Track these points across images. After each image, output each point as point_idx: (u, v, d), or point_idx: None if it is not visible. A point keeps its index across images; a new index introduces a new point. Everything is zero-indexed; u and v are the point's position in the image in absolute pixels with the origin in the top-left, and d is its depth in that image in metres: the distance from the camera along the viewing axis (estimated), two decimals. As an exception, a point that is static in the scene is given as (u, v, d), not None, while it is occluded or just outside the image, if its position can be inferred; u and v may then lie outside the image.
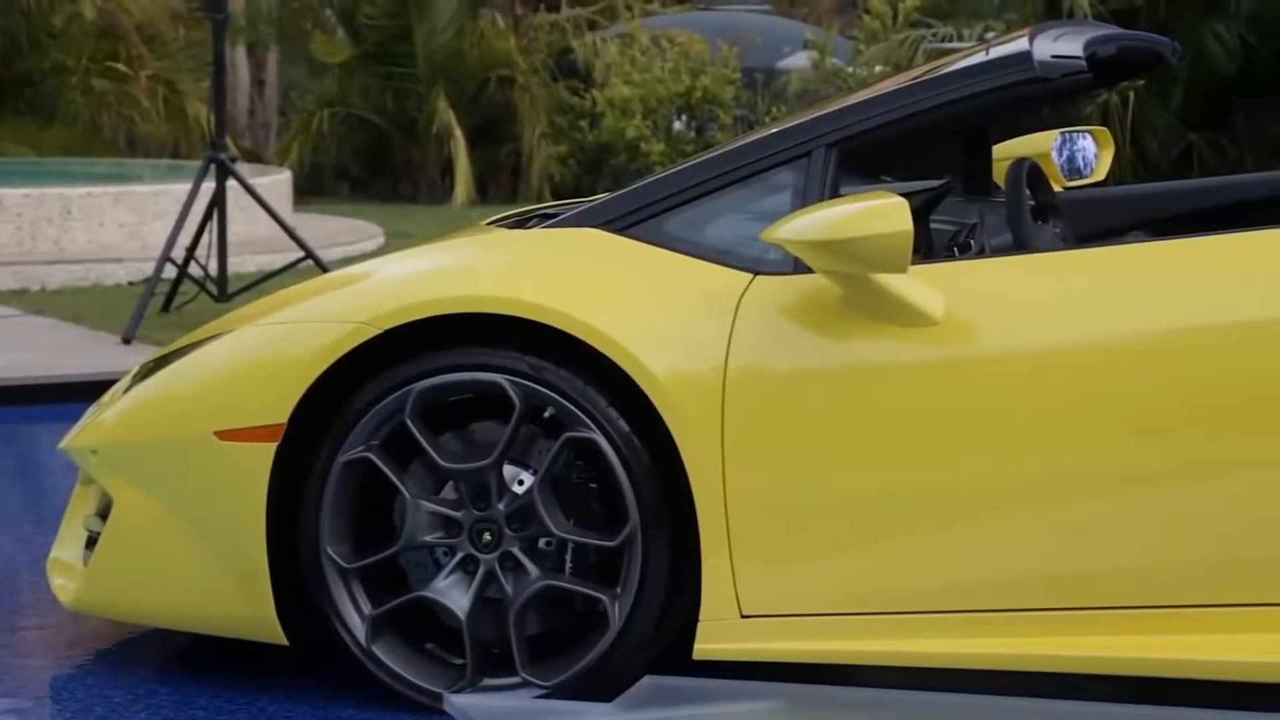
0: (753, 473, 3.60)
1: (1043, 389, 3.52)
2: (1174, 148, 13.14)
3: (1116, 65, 4.22)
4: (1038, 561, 3.53)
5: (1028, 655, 3.53)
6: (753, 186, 3.83)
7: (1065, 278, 3.64)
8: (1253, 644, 3.43)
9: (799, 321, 3.65)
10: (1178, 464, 3.46)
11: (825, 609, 3.61)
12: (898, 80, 4.16)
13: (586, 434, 3.67)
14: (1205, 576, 3.47)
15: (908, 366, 3.58)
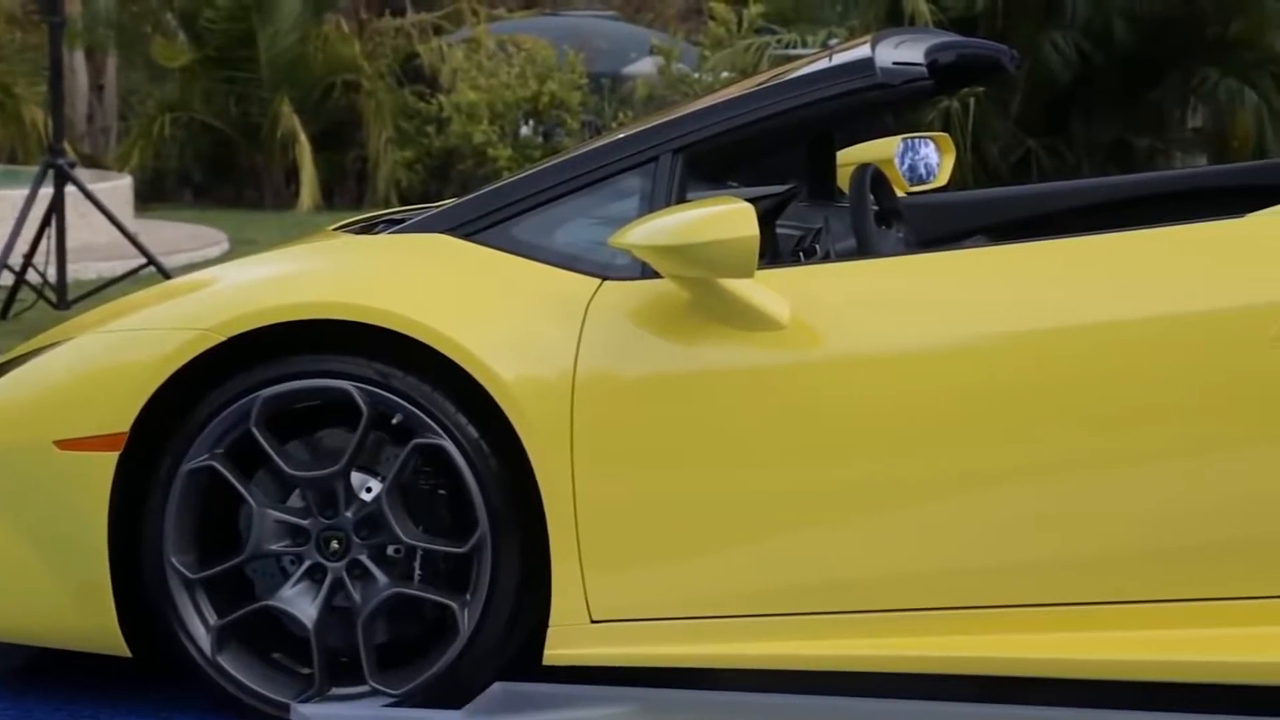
0: (602, 478, 3.61)
1: (888, 392, 3.56)
2: (1013, 153, 13.35)
3: (957, 72, 4.28)
4: (886, 563, 3.56)
5: (879, 656, 3.56)
6: (600, 192, 3.83)
7: (908, 281, 3.69)
8: (1104, 642, 3.49)
9: (647, 326, 3.66)
10: (1021, 464, 3.51)
11: (676, 613, 3.62)
12: (743, 86, 4.18)
13: (435, 440, 3.65)
14: (1053, 575, 3.52)
15: (755, 370, 3.60)
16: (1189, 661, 3.44)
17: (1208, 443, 3.43)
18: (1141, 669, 3.47)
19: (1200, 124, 14.34)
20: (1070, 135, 13.51)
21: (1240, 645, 3.43)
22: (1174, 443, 3.45)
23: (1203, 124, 14.30)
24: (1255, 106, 13.19)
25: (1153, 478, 3.46)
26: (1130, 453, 3.46)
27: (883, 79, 3.75)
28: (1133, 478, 3.47)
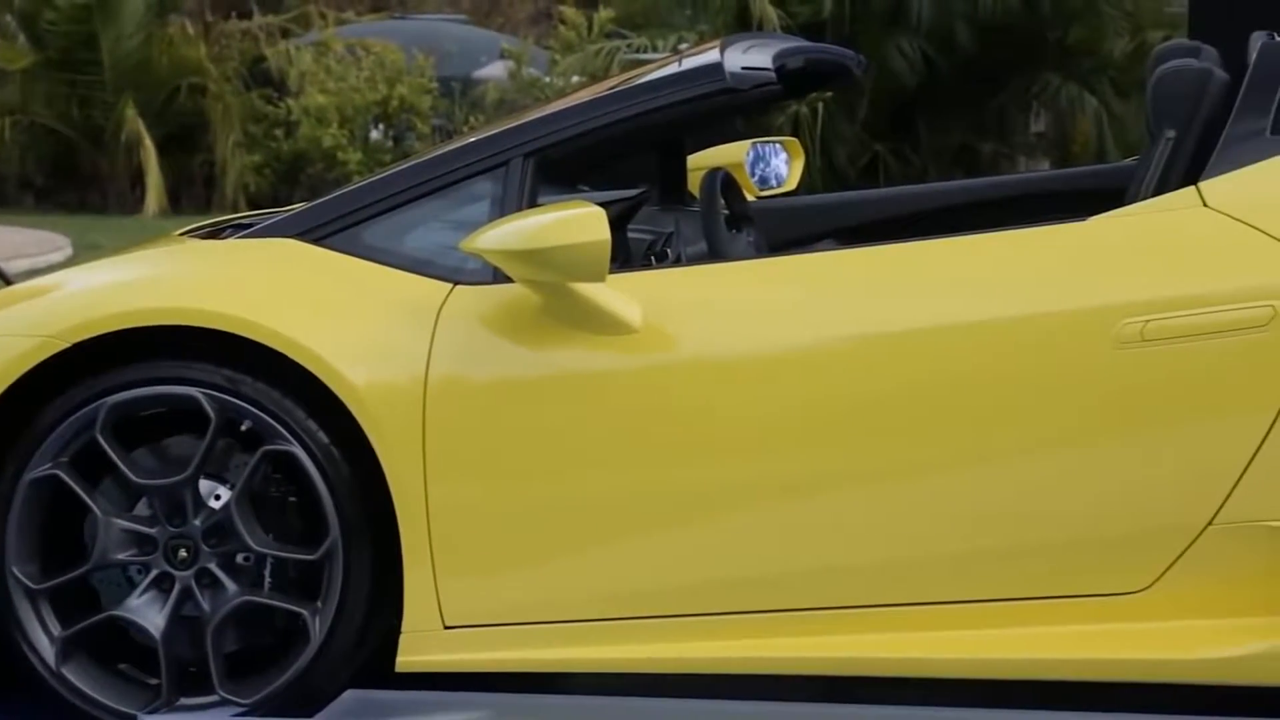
0: (454, 483, 3.59)
1: (739, 395, 3.58)
2: (861, 158, 13.50)
3: (805, 77, 4.31)
4: (735, 565, 3.58)
5: (728, 658, 3.58)
6: (451, 196, 3.82)
7: (759, 285, 3.71)
8: (948, 641, 3.53)
9: (499, 331, 3.65)
10: (868, 467, 3.55)
11: (530, 618, 3.62)
12: (593, 90, 4.19)
13: (285, 447, 3.62)
14: (896, 575, 3.55)
15: (606, 374, 3.60)
16: (1037, 660, 3.49)
17: (1051, 444, 3.49)
18: (988, 668, 3.52)
19: (1043, 128, 14.59)
20: (916, 139, 13.69)
21: (1084, 642, 3.49)
22: (1018, 444, 3.50)
23: (1045, 128, 14.55)
24: (1095, 111, 13.46)
25: (998, 479, 3.51)
26: (975, 454, 3.51)
27: (732, 84, 3.77)
28: (978, 479, 3.51)
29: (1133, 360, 3.42)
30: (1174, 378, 3.42)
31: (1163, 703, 3.57)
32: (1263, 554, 3.41)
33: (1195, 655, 3.42)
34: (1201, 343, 3.40)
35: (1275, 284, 3.39)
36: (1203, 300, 3.42)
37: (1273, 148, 3.54)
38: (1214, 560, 3.43)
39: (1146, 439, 3.45)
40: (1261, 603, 3.43)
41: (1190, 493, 3.43)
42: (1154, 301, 3.43)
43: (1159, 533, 3.45)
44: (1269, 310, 3.38)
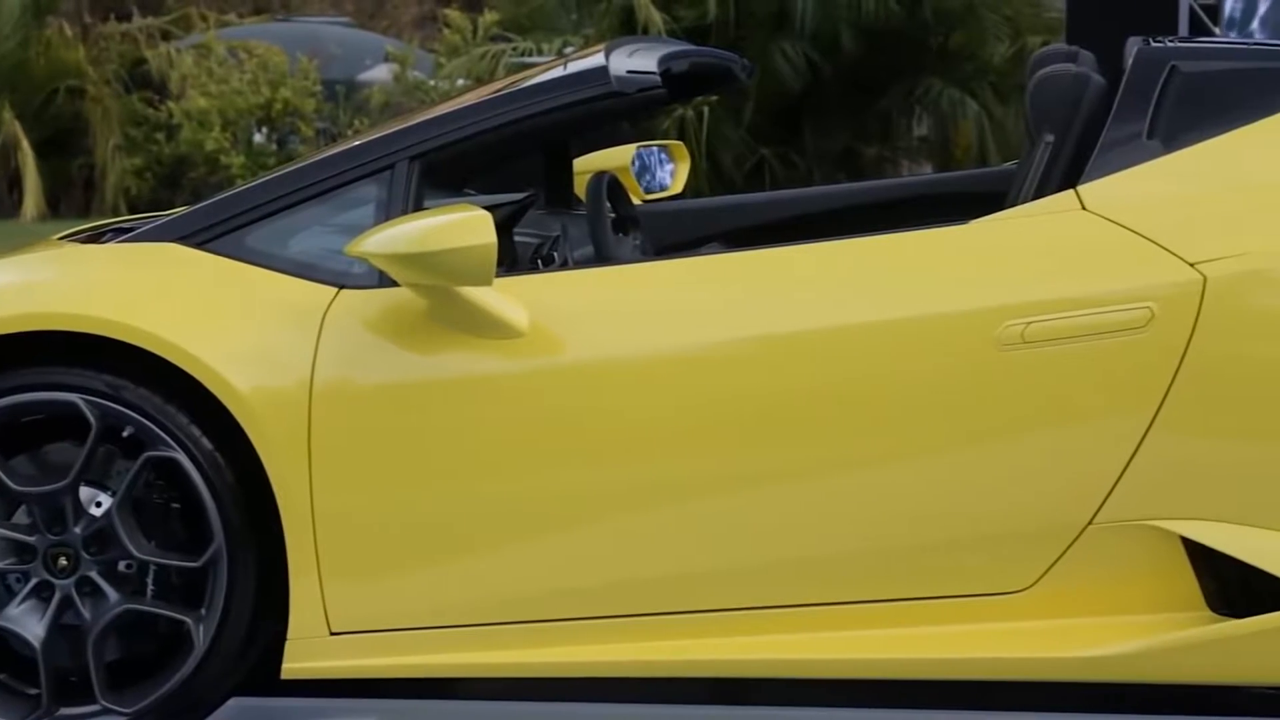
0: (340, 488, 3.57)
1: (626, 398, 3.58)
2: (747, 161, 13.56)
3: (690, 81, 4.33)
4: (624, 569, 3.59)
5: (619, 661, 3.58)
6: (336, 200, 3.80)
7: (645, 289, 3.72)
8: (836, 641, 3.55)
9: (385, 335, 3.64)
10: (755, 469, 3.56)
11: (417, 623, 3.60)
12: (479, 94, 4.18)
13: (167, 453, 3.58)
14: (786, 577, 3.57)
15: (493, 378, 3.60)
16: (923, 660, 3.52)
17: (935, 445, 3.52)
18: (876, 668, 3.54)
19: (925, 132, 14.72)
20: (801, 143, 13.77)
21: (969, 641, 3.52)
22: (902, 445, 3.52)
23: (927, 132, 14.67)
24: (976, 115, 13.59)
25: (882, 480, 3.53)
26: (859, 456, 3.54)
27: (617, 87, 3.78)
28: (862, 481, 3.54)
29: (1015, 362, 3.46)
30: (1055, 379, 3.46)
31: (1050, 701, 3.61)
32: (1142, 552, 3.46)
33: (1077, 653, 3.46)
34: (1082, 344, 3.45)
35: (1153, 286, 3.44)
36: (1083, 302, 3.46)
37: (1149, 151, 3.59)
38: (1095, 559, 3.47)
39: (1029, 439, 3.49)
40: (1141, 600, 3.48)
41: (1071, 492, 3.47)
42: (1035, 304, 3.47)
43: (1041, 532, 3.49)
44: (1147, 312, 3.43)
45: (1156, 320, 3.42)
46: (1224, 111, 3.60)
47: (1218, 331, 3.40)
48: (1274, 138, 3.58)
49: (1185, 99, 3.62)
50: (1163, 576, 3.46)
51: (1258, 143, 3.58)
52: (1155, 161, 3.58)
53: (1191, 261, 3.44)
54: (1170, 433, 3.41)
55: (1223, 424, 3.41)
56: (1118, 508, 3.45)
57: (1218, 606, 3.45)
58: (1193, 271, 3.43)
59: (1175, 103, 3.62)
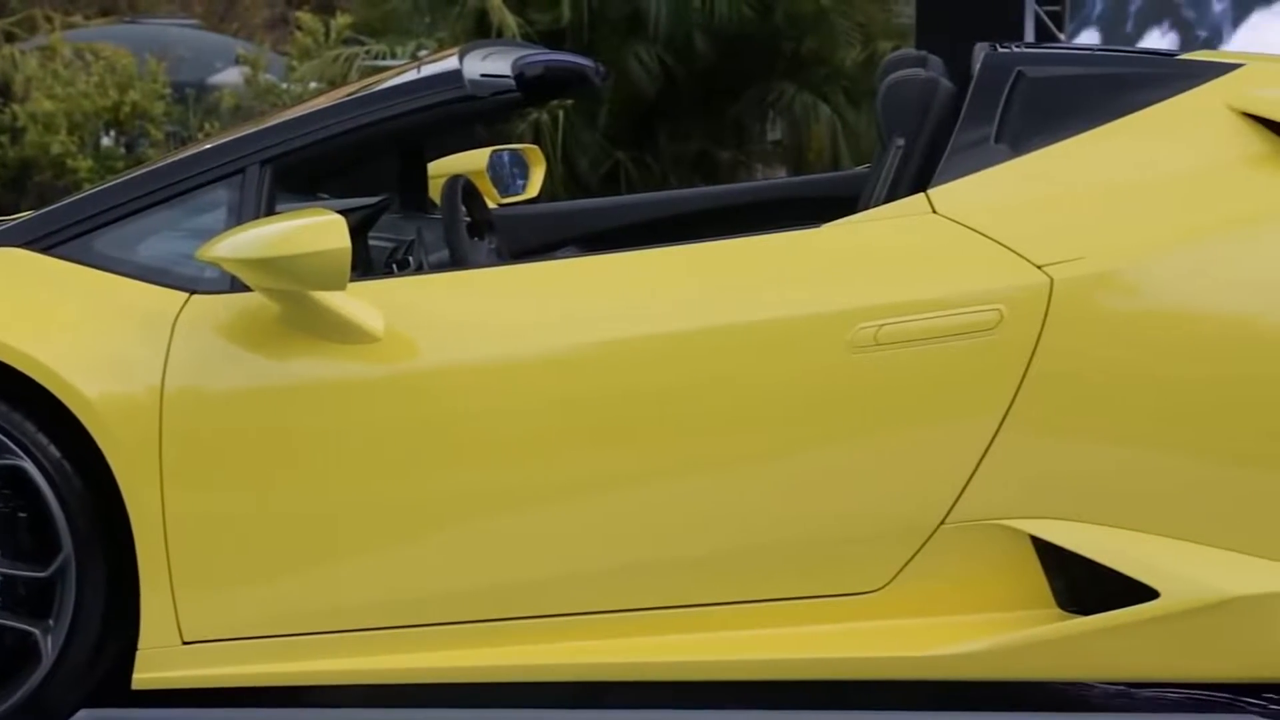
0: (192, 496, 3.53)
1: (482, 403, 3.58)
2: (602, 165, 13.57)
3: (545, 84, 4.33)
4: (484, 573, 3.58)
5: (481, 667, 3.57)
6: (186, 204, 3.76)
7: (501, 293, 3.71)
8: (707, 643, 3.57)
9: (237, 341, 3.60)
10: (615, 471, 3.57)
11: (271, 631, 3.57)
12: (332, 97, 4.15)
13: (14, 461, 3.52)
14: (655, 579, 3.58)
15: (349, 384, 3.57)
16: (780, 660, 3.55)
17: (789, 447, 3.54)
18: (733, 669, 3.56)
19: (779, 136, 14.82)
20: (657, 147, 13.81)
21: (824, 642, 3.55)
22: (757, 448, 3.55)
23: (781, 137, 14.77)
24: (829, 120, 13.70)
25: (738, 482, 3.55)
26: (716, 458, 3.55)
27: (471, 91, 3.77)
28: (719, 483, 3.55)
29: (867, 364, 3.50)
30: (907, 381, 3.50)
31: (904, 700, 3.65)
32: (993, 551, 3.51)
33: (930, 652, 3.50)
34: (933, 346, 3.49)
35: (1002, 288, 3.49)
36: (934, 305, 3.50)
37: (997, 155, 3.65)
38: (947, 558, 3.52)
39: (882, 441, 3.52)
40: (992, 599, 3.53)
41: (924, 493, 3.51)
42: (887, 306, 3.51)
43: (894, 533, 3.53)
44: (996, 314, 3.48)
45: (1006, 322, 3.47)
46: (1069, 116, 3.66)
47: (1064, 333, 3.45)
48: (1118, 141, 3.64)
49: (1031, 103, 3.68)
50: (1013, 575, 3.51)
51: (1102, 146, 3.64)
52: (1003, 165, 3.64)
53: (1039, 264, 3.49)
54: (1019, 433, 3.46)
55: (1070, 424, 3.46)
56: (969, 507, 3.50)
57: (1067, 604, 3.51)
58: (1040, 274, 3.48)
59: (1022, 107, 3.67)
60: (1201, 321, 3.45)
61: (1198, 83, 3.68)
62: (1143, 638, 3.44)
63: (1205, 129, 3.61)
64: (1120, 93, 3.68)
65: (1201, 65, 3.76)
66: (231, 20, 24.01)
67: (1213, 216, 3.51)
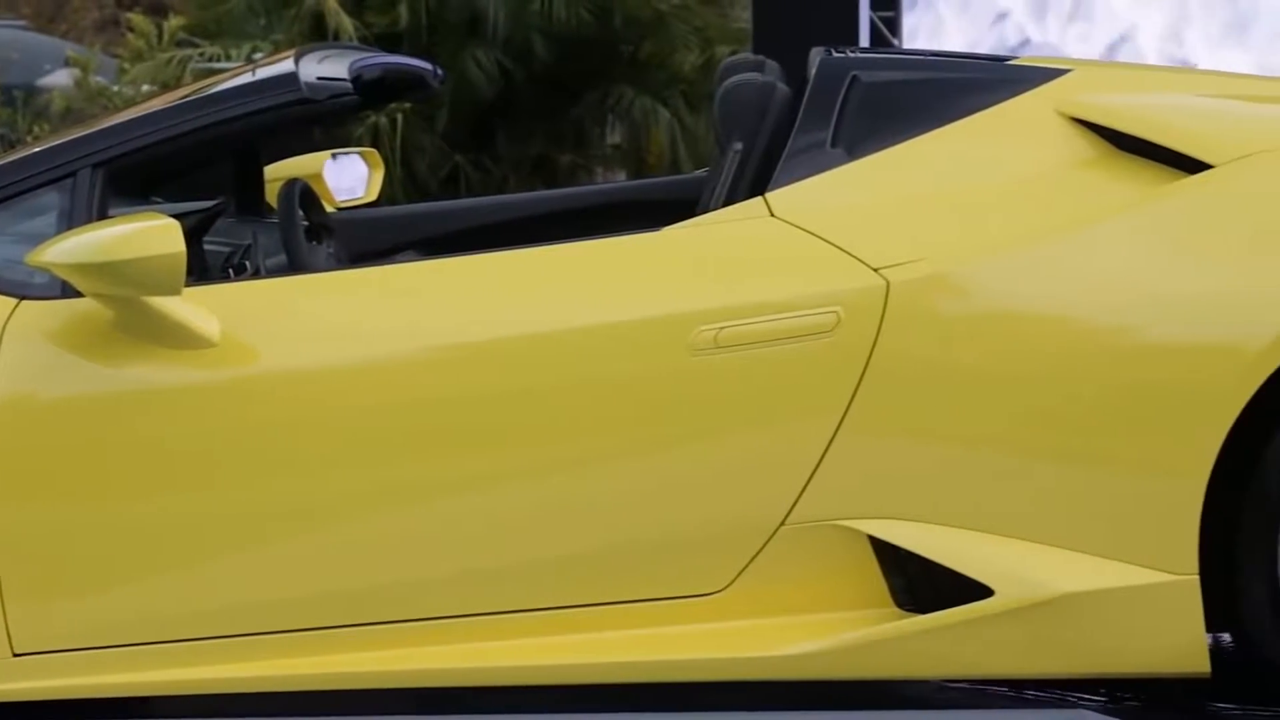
0: (22, 505, 3.47)
1: (322, 408, 3.55)
2: (442, 168, 13.51)
3: (382, 87, 4.31)
4: (322, 580, 3.55)
5: (317, 675, 3.54)
6: (15, 208, 3.70)
7: (340, 297, 3.69)
8: (527, 649, 3.56)
9: (69, 347, 3.54)
10: (448, 478, 3.56)
11: (106, 641, 3.51)
12: (165, 100, 4.10)
13: None
14: (477, 586, 3.57)
15: (184, 390, 3.53)
16: (623, 663, 3.55)
17: (631, 450, 3.55)
18: (576, 673, 3.56)
19: (618, 140, 14.85)
20: (496, 151, 13.78)
21: (667, 644, 3.57)
22: (599, 451, 3.55)
23: (621, 140, 14.81)
24: (668, 123, 13.76)
25: (580, 485, 3.56)
26: (558, 462, 3.55)
27: (307, 94, 3.75)
28: (561, 486, 3.56)
29: (708, 367, 3.52)
30: (747, 383, 3.52)
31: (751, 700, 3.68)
32: (832, 551, 3.54)
33: (771, 652, 3.52)
34: (773, 348, 3.52)
35: (839, 291, 3.53)
36: (773, 307, 3.53)
37: (834, 159, 3.69)
38: (787, 559, 3.54)
39: (722, 443, 3.54)
40: (832, 599, 3.56)
41: (764, 494, 3.54)
42: (727, 309, 3.53)
43: (735, 534, 3.55)
44: (834, 316, 3.51)
45: (843, 324, 3.51)
46: (904, 120, 3.71)
47: (901, 335, 3.50)
48: (952, 145, 3.70)
49: (866, 108, 3.72)
50: (852, 575, 3.55)
51: (937, 150, 3.69)
52: (840, 169, 3.68)
53: (875, 267, 3.53)
54: (857, 434, 3.50)
55: (907, 425, 3.51)
56: (808, 508, 3.53)
57: (905, 603, 3.55)
58: (876, 276, 3.52)
59: (857, 111, 3.72)
60: (1034, 322, 3.51)
61: (1027, 88, 3.75)
62: (978, 635, 3.49)
63: (1035, 133, 3.68)
64: (953, 97, 3.73)
65: (1030, 70, 3.83)
66: (60, 21, 23.57)
67: (1043, 219, 3.57)
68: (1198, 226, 3.51)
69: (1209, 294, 3.45)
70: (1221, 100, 3.76)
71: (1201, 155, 3.55)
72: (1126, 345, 3.47)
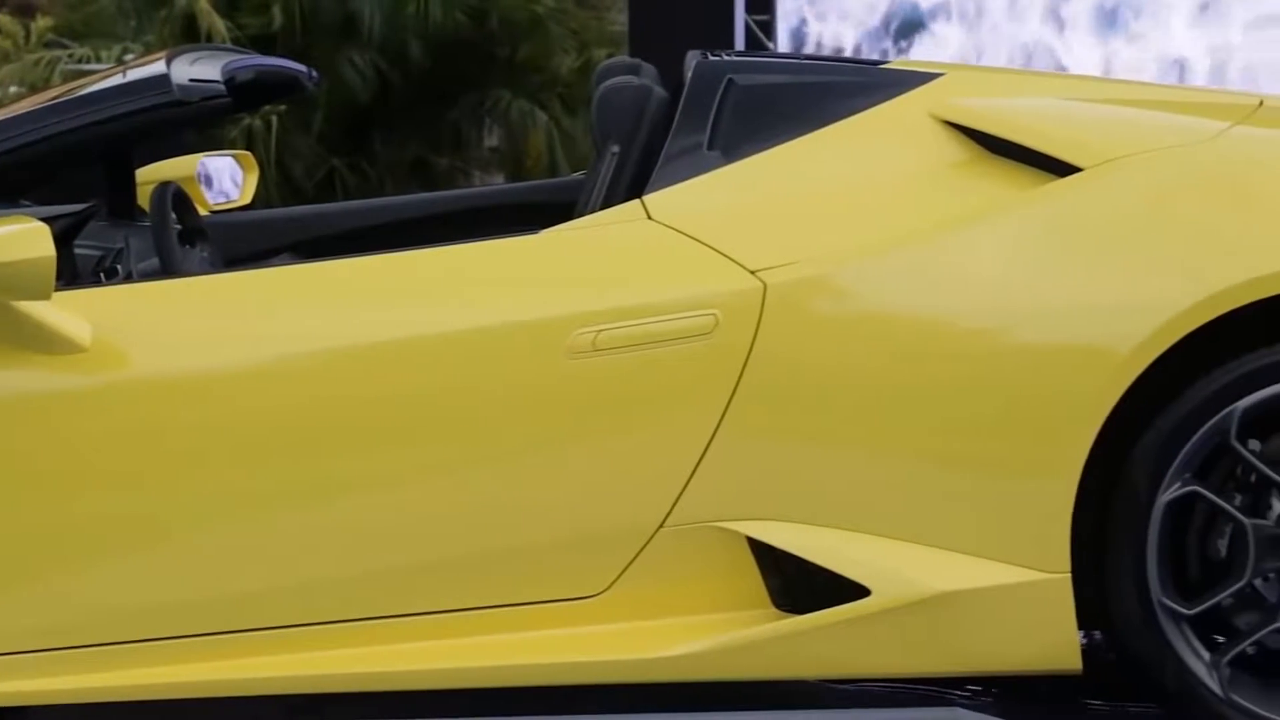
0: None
1: (194, 413, 3.51)
2: (318, 171, 13.42)
3: (256, 90, 4.27)
4: (193, 588, 3.51)
5: (194, 682, 3.51)
6: (-122, 212, 3.62)
7: (213, 301, 3.65)
8: (422, 653, 3.55)
9: (-65, 353, 3.48)
10: (324, 481, 3.53)
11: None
12: (33, 102, 4.05)
13: None
14: (353, 591, 3.55)
15: (54, 395, 3.48)
16: (503, 667, 3.55)
17: (509, 454, 3.54)
18: (455, 678, 3.55)
19: (496, 143, 14.84)
20: (373, 153, 13.71)
21: (548, 648, 3.56)
22: (477, 455, 3.54)
23: (498, 143, 14.79)
24: (546, 126, 13.77)
25: (458, 490, 3.54)
26: (435, 466, 3.54)
27: (179, 96, 3.71)
28: (439, 490, 3.54)
29: (586, 370, 3.52)
30: (626, 386, 3.53)
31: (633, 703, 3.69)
32: (711, 553, 3.55)
33: (651, 654, 3.53)
34: (651, 351, 3.52)
35: (717, 293, 3.54)
36: (650, 310, 3.54)
37: (710, 162, 3.70)
38: (667, 561, 3.55)
39: (601, 446, 3.55)
40: (712, 600, 3.58)
41: (643, 496, 3.55)
42: (604, 312, 3.53)
43: (615, 537, 3.56)
44: (712, 319, 3.52)
45: (721, 327, 3.52)
46: (780, 123, 3.73)
47: (778, 337, 3.52)
48: (827, 148, 3.73)
49: (742, 111, 3.74)
50: (731, 576, 3.57)
51: (812, 153, 3.72)
52: (716, 172, 3.69)
53: (752, 269, 3.55)
54: (735, 436, 3.51)
55: (784, 426, 3.53)
56: (687, 510, 3.54)
57: (783, 604, 3.57)
58: (753, 279, 3.54)
59: (733, 114, 3.74)
60: (908, 324, 3.54)
61: (901, 91, 3.78)
62: (855, 635, 3.51)
63: (909, 136, 3.71)
64: (828, 100, 3.76)
65: (904, 74, 3.86)
66: (-75, 22, 23.16)
67: (918, 221, 3.60)
68: (1067, 229, 3.55)
69: (1080, 296, 3.50)
70: (1090, 104, 3.81)
71: (1070, 158, 3.60)
72: (999, 347, 3.50)
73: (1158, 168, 3.59)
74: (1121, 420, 3.47)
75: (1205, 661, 3.49)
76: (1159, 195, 3.57)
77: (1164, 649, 3.49)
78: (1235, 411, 3.44)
